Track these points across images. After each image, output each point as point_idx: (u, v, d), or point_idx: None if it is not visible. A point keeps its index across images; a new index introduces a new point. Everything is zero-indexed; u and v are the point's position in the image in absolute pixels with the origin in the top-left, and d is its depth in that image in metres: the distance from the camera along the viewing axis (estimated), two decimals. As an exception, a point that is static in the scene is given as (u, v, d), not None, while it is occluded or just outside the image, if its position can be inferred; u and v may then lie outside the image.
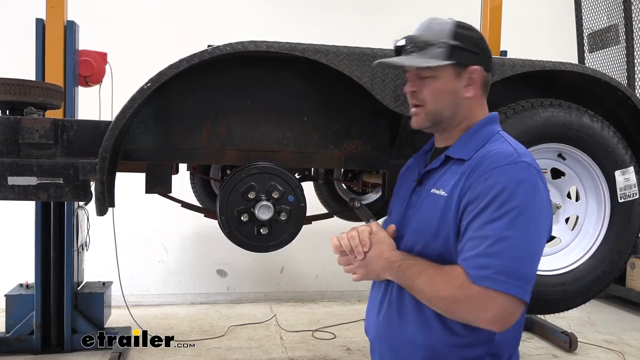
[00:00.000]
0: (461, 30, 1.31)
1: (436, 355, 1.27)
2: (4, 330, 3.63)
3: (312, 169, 3.34)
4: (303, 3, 5.27)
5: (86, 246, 3.90)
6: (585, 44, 4.57)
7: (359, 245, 1.29)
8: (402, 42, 1.35)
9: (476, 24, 3.74)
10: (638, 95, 3.09)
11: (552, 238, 2.41)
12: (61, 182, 1.93)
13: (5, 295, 3.67)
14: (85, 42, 3.59)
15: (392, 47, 1.39)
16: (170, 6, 4.98)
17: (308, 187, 2.99)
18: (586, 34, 4.55)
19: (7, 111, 2.23)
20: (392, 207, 1.57)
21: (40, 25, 3.31)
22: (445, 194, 1.26)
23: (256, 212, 1.91)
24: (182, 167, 2.72)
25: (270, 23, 5.05)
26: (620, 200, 2.29)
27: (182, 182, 3.29)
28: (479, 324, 1.16)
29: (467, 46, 1.30)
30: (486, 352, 1.25)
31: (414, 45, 1.32)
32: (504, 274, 1.11)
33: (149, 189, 2.14)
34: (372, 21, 5.23)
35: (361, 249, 1.29)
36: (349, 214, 3.49)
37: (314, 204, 1.92)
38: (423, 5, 5.34)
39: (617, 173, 2.27)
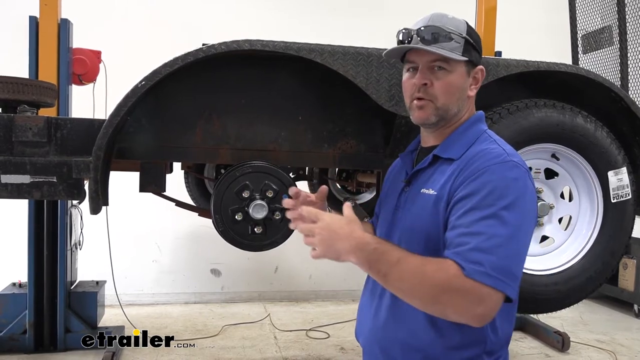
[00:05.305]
0: (471, 29, 1.31)
1: (430, 358, 1.25)
2: (-3, 330, 3.61)
3: (307, 168, 3.34)
4: (303, 4, 5.26)
5: (79, 245, 3.88)
6: (579, 45, 4.59)
7: (312, 214, 1.19)
8: (421, 28, 1.26)
9: (471, 24, 3.73)
10: (631, 96, 3.11)
11: (546, 238, 2.42)
12: (55, 180, 1.92)
13: (-3, 294, 3.66)
14: (80, 40, 3.57)
15: (398, 36, 1.30)
16: (165, 5, 4.96)
17: (303, 187, 2.99)
18: (580, 35, 4.57)
19: (0, 109, 2.22)
20: (379, 209, 1.54)
21: (34, 22, 3.29)
22: (435, 193, 1.25)
23: (250, 211, 1.90)
24: (177, 166, 2.71)
25: (270, 24, 5.03)
26: (613, 201, 2.30)
27: (176, 181, 3.28)
28: (461, 318, 1.12)
29: (477, 45, 1.30)
30: (482, 351, 1.24)
31: (432, 34, 1.24)
32: (498, 271, 1.08)
33: (143, 188, 2.14)
34: (372, 22, 5.21)
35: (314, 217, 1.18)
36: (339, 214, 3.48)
37: (308, 203, 1.91)
38: (422, 5, 5.34)
39: (610, 173, 2.29)
